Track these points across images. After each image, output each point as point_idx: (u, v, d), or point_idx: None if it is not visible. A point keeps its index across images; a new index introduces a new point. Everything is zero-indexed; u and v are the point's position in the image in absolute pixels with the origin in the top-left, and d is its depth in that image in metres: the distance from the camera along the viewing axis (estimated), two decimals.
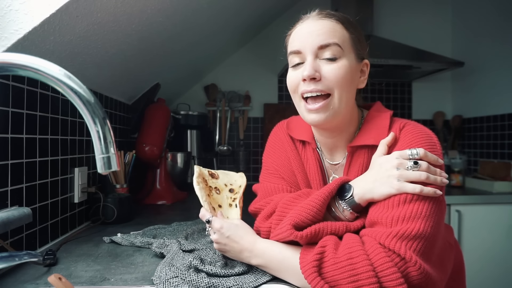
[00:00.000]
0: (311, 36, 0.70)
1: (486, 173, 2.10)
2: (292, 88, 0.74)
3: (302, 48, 0.71)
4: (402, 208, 0.60)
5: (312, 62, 0.69)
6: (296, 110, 0.78)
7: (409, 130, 0.69)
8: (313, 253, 0.59)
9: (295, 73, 0.73)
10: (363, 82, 0.76)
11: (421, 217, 0.59)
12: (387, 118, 0.74)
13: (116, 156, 0.52)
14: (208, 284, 0.64)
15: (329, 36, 0.69)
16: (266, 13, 2.09)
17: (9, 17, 0.71)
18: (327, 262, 0.58)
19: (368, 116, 0.77)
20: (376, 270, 0.55)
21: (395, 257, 0.55)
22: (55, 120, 0.98)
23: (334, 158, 0.80)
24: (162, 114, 1.66)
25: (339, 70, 0.68)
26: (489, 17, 2.17)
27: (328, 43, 0.69)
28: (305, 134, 0.82)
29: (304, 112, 0.73)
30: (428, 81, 2.44)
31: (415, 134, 0.68)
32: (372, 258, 0.56)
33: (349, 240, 0.59)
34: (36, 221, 0.88)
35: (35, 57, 0.48)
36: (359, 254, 0.56)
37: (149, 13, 1.06)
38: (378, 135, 0.71)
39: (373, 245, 0.57)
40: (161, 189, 1.59)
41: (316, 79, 0.69)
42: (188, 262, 0.71)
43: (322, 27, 0.70)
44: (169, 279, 0.65)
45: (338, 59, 0.69)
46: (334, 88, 0.69)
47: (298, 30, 0.74)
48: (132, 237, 0.95)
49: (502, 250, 1.79)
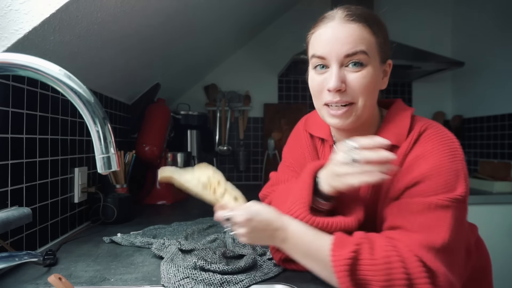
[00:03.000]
0: (337, 44, 0.66)
1: (486, 173, 2.10)
2: (316, 94, 0.72)
3: (327, 55, 0.68)
4: (427, 216, 0.60)
5: (338, 73, 0.67)
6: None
7: (429, 134, 0.68)
8: (348, 250, 0.58)
9: (319, 79, 0.70)
10: (385, 82, 0.75)
11: (446, 226, 0.59)
12: (408, 117, 0.72)
13: (116, 156, 0.52)
14: (221, 280, 0.65)
15: (356, 44, 0.66)
16: (266, 13, 2.09)
17: (9, 17, 0.71)
18: (363, 261, 0.57)
19: (388, 116, 0.75)
20: (410, 277, 0.55)
21: (426, 269, 0.56)
22: (55, 120, 0.98)
23: None
24: (162, 114, 1.66)
25: (364, 79, 0.67)
26: (489, 17, 2.17)
27: (355, 51, 0.66)
28: (322, 131, 0.82)
29: (326, 116, 0.71)
30: (428, 81, 2.44)
31: (435, 140, 0.66)
32: (407, 265, 0.56)
33: (383, 243, 0.59)
34: (36, 221, 0.88)
35: (35, 57, 0.48)
36: (396, 260, 0.56)
37: (149, 13, 1.06)
38: (398, 135, 0.70)
39: (407, 252, 0.57)
40: (161, 189, 1.59)
41: (342, 90, 0.67)
42: (192, 263, 0.71)
43: (349, 34, 0.66)
44: (179, 281, 0.65)
45: (364, 67, 0.67)
46: (358, 97, 0.68)
47: (323, 33, 0.69)
48: (132, 237, 0.95)
49: (502, 250, 1.79)
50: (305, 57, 1.57)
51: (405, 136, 0.69)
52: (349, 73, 0.67)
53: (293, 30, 2.34)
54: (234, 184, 0.84)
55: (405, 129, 0.70)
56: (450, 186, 0.62)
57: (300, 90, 2.41)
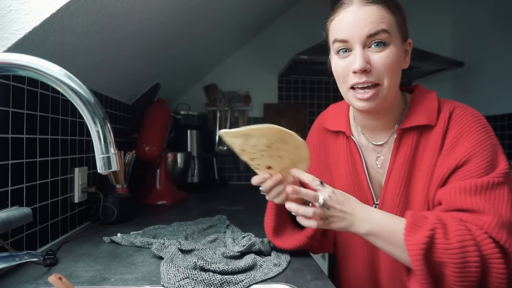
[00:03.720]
0: (359, 26, 0.68)
1: None
2: (341, 79, 0.73)
3: (349, 38, 0.69)
4: (488, 195, 0.63)
5: (362, 54, 0.68)
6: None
7: (461, 113, 0.72)
8: (422, 235, 0.59)
9: (343, 63, 0.71)
10: (407, 62, 0.76)
11: (506, 201, 0.63)
12: (434, 98, 0.76)
13: (116, 156, 0.52)
14: (221, 280, 0.65)
15: (377, 24, 0.67)
16: (266, 13, 2.09)
17: (9, 17, 0.71)
18: (438, 245, 0.58)
19: (414, 98, 0.78)
20: (485, 259, 0.57)
21: (500, 249, 0.58)
22: (55, 120, 0.98)
23: (377, 139, 0.80)
24: (162, 114, 1.66)
25: (388, 59, 0.68)
26: (489, 17, 2.17)
27: (377, 30, 0.67)
28: (340, 124, 0.84)
29: (353, 100, 0.72)
30: (428, 81, 2.45)
31: (468, 118, 0.71)
32: (482, 247, 0.58)
33: (457, 226, 0.60)
34: (36, 221, 0.88)
35: (36, 57, 0.48)
36: (471, 243, 0.58)
37: (149, 13, 1.06)
38: (429, 116, 0.73)
39: (480, 234, 0.59)
40: (161, 189, 1.59)
41: (367, 71, 0.68)
42: (192, 263, 0.71)
43: (369, 16, 0.68)
44: (179, 281, 0.65)
45: (387, 46, 0.68)
46: (384, 77, 0.69)
47: (343, 17, 0.70)
48: (132, 237, 0.95)
49: None
50: (305, 57, 1.62)
51: (436, 116, 0.73)
52: (372, 53, 0.68)
53: (293, 30, 2.34)
54: (234, 184, 0.83)
55: (434, 110, 0.73)
56: (495, 161, 0.66)
57: (300, 90, 2.41)
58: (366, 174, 0.80)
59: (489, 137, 0.68)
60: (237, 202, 1.57)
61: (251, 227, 1.11)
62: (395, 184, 0.75)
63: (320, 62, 1.89)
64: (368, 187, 0.80)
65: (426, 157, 0.73)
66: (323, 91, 2.42)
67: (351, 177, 0.81)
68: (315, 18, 2.65)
